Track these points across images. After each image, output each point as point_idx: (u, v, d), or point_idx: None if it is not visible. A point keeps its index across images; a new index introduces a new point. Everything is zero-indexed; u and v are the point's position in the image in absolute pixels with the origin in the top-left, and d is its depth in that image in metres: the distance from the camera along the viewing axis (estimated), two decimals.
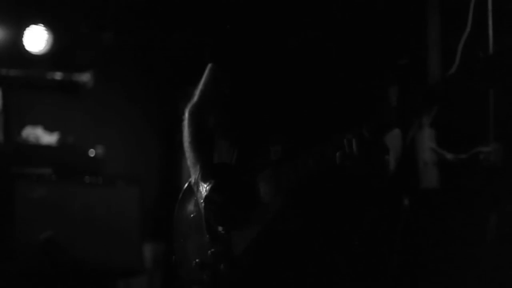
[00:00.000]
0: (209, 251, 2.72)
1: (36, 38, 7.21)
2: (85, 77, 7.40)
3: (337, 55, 2.70)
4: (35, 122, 7.08)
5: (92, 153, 6.64)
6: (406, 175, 5.31)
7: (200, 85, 2.99)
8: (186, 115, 2.98)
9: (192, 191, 2.86)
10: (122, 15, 7.45)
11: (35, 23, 7.19)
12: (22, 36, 7.17)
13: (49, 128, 7.06)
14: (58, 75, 7.40)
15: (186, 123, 2.97)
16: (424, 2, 5.65)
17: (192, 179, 2.85)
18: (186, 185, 2.94)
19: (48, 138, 6.98)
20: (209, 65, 2.97)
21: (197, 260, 2.78)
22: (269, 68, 2.78)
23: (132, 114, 7.72)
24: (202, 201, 2.74)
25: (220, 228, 2.73)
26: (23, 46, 7.18)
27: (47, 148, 6.80)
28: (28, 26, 7.17)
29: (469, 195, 5.16)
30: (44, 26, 7.22)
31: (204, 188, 2.74)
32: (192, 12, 7.10)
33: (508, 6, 4.83)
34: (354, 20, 2.73)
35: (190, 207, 2.88)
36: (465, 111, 4.77)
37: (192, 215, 2.86)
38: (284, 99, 2.73)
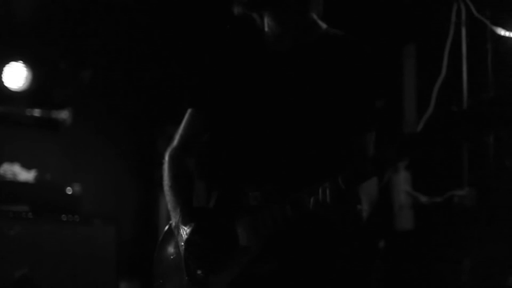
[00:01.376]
0: None
1: (15, 75, 7.21)
2: (63, 115, 7.41)
3: (314, 101, 2.75)
4: (12, 159, 7.06)
5: (69, 190, 6.63)
6: (382, 217, 5.36)
7: (180, 129, 3.03)
8: (166, 158, 3.02)
9: (172, 233, 2.89)
10: (101, 53, 7.48)
11: (14, 60, 7.19)
12: (1, 73, 7.16)
13: (26, 165, 7.04)
14: (36, 112, 7.40)
15: (166, 166, 3.01)
16: (400, 46, 5.74)
17: (173, 222, 2.89)
18: (166, 227, 2.98)
19: (26, 175, 6.97)
20: (189, 110, 3.01)
21: None
22: (248, 115, 2.83)
23: (110, 152, 7.71)
24: (182, 243, 2.78)
25: (199, 271, 2.76)
26: (2, 82, 7.17)
27: (24, 185, 6.78)
28: (7, 62, 7.17)
29: (444, 238, 5.22)
30: (23, 63, 7.22)
31: (184, 231, 2.79)
32: (172, 51, 7.15)
33: (481, 52, 4.94)
34: (330, 65, 2.78)
35: (170, 249, 2.91)
36: (439, 156, 4.85)
37: (172, 257, 2.89)
38: (262, 145, 2.78)
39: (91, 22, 7.18)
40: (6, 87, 7.17)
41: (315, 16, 2.89)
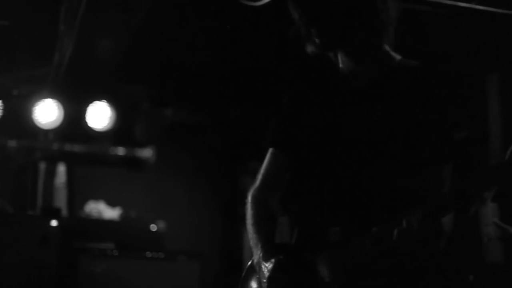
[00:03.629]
0: None
1: (99, 115, 7.34)
2: (146, 153, 7.52)
3: (392, 135, 2.71)
4: (97, 197, 7.18)
5: (153, 228, 6.70)
6: (470, 250, 5.24)
7: (262, 169, 3.05)
8: (249, 198, 3.04)
9: (254, 269, 2.88)
10: (183, 92, 7.57)
11: (98, 99, 7.33)
12: (85, 113, 7.31)
13: (111, 203, 7.16)
14: (120, 151, 7.53)
15: (248, 206, 3.03)
16: (484, 75, 5.65)
17: (255, 259, 2.88)
18: (249, 263, 2.98)
19: (111, 212, 7.08)
20: (270, 150, 3.02)
21: None
22: (327, 152, 2.82)
23: (193, 189, 7.77)
24: (264, 280, 2.76)
25: None
26: (86, 122, 7.31)
27: (110, 222, 6.89)
28: (91, 102, 7.31)
29: None
30: (107, 103, 7.35)
31: (266, 268, 2.77)
32: (253, 91, 7.18)
33: None
34: (407, 98, 2.74)
35: (253, 284, 2.90)
36: None
37: None
38: (342, 181, 2.75)
39: (173, 62, 7.27)
40: (90, 127, 7.31)
41: (388, 48, 2.85)
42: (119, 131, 7.46)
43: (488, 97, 5.63)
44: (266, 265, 2.77)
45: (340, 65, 2.88)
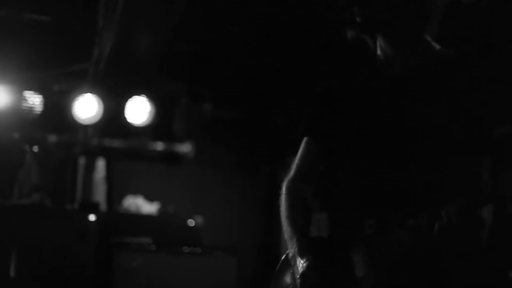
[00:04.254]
0: None
1: (138, 110, 7.36)
2: (185, 148, 7.53)
3: (430, 125, 2.66)
4: (136, 192, 7.21)
5: (191, 223, 6.71)
6: (510, 247, 5.16)
7: (296, 160, 3.00)
8: (283, 189, 2.99)
9: (289, 263, 2.85)
10: (221, 87, 7.57)
11: (137, 94, 7.34)
12: (124, 108, 7.33)
13: (149, 198, 7.18)
14: (159, 146, 7.55)
15: (283, 197, 2.97)
16: None
17: (290, 252, 2.85)
18: (283, 257, 2.94)
19: (149, 207, 7.10)
20: (304, 139, 2.97)
21: None
22: (363, 141, 2.77)
23: (231, 184, 7.77)
24: (298, 276, 2.74)
25: None
26: (125, 117, 7.33)
27: (147, 217, 6.91)
28: (130, 97, 7.33)
29: None
30: (146, 98, 7.36)
31: (300, 264, 2.74)
32: (292, 83, 7.16)
33: None
34: (445, 88, 2.69)
35: (287, 279, 2.87)
36: None
37: (289, 287, 2.85)
38: (377, 173, 2.71)
39: (211, 57, 7.27)
40: (129, 122, 7.33)
41: (428, 38, 2.79)
42: (158, 126, 7.47)
43: None
44: (301, 261, 2.75)
45: (378, 52, 2.82)
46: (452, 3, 2.91)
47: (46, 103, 7.21)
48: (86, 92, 7.18)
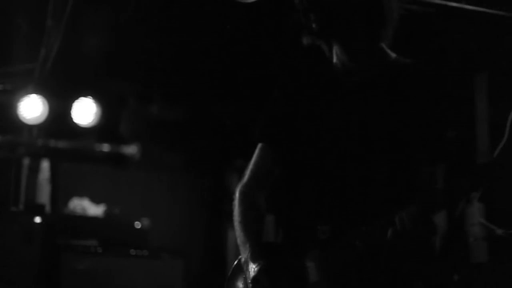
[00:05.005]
0: None
1: (85, 111, 7.29)
2: (131, 149, 7.48)
3: (384, 132, 2.68)
4: (81, 194, 7.14)
5: (138, 225, 6.67)
6: (456, 250, 5.24)
7: (250, 165, 2.98)
8: (237, 194, 2.97)
9: (241, 268, 2.84)
10: (169, 89, 7.54)
11: (84, 95, 7.28)
12: (70, 109, 7.26)
13: (95, 200, 7.12)
14: (105, 147, 7.49)
15: (236, 202, 2.95)
16: (472, 75, 5.65)
17: (242, 258, 2.83)
18: (236, 261, 2.93)
19: (95, 209, 7.04)
20: (259, 145, 2.97)
21: None
22: (317, 148, 2.78)
23: (178, 186, 7.74)
24: (249, 281, 2.72)
25: None
26: (71, 118, 7.26)
27: (93, 219, 6.85)
28: (77, 98, 7.26)
29: None
30: (92, 99, 7.30)
31: (252, 269, 2.73)
32: (240, 85, 7.16)
33: None
34: (400, 96, 2.72)
35: (239, 284, 2.86)
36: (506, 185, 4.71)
37: None
38: (331, 179, 2.72)
39: (159, 58, 7.24)
40: (75, 123, 7.25)
41: (384, 46, 2.82)
42: (104, 128, 7.40)
43: (476, 97, 5.64)
44: (253, 266, 2.73)
45: (334, 60, 2.83)
46: (405, 12, 2.94)
47: None
48: (32, 92, 7.08)
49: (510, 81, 5.08)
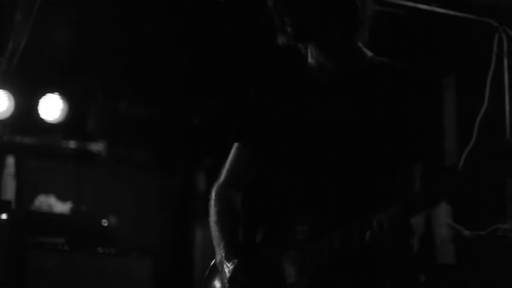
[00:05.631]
0: None
1: (51, 107, 7.24)
2: (98, 146, 7.43)
3: (361, 132, 2.69)
4: (48, 191, 7.08)
5: (105, 223, 6.63)
6: (423, 251, 5.28)
7: (226, 164, 2.97)
8: (213, 194, 2.96)
9: (217, 269, 2.83)
10: (137, 85, 7.51)
11: (50, 91, 7.22)
12: (37, 105, 7.20)
13: (62, 197, 7.06)
14: (72, 144, 7.44)
15: (212, 202, 2.95)
16: (440, 78, 5.69)
17: (217, 258, 2.82)
18: (211, 263, 2.92)
19: (61, 206, 6.99)
20: (235, 144, 2.96)
21: None
22: (295, 147, 2.78)
23: (145, 184, 7.72)
24: (226, 281, 2.71)
25: None
26: (38, 114, 7.20)
27: (60, 216, 6.80)
28: (43, 94, 7.21)
29: (486, 272, 5.12)
30: (59, 95, 7.25)
31: (228, 268, 2.71)
32: (210, 83, 7.16)
33: None
34: (377, 94, 2.72)
35: (216, 284, 2.85)
36: (482, 188, 4.76)
37: None
38: (309, 178, 2.72)
39: (127, 55, 7.21)
40: (42, 119, 7.20)
41: (360, 44, 2.83)
42: (71, 124, 7.36)
43: (444, 100, 5.68)
44: (228, 265, 2.71)
45: (309, 59, 2.84)
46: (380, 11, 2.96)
47: None
48: None
49: (478, 83, 5.13)
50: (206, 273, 2.94)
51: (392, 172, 2.69)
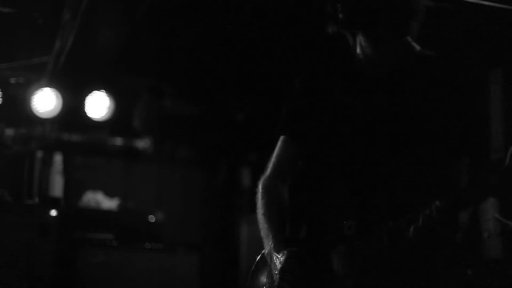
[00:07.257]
0: None
1: (98, 105, 7.30)
2: (144, 143, 7.49)
3: (410, 126, 2.67)
4: (95, 187, 7.15)
5: (152, 218, 6.68)
6: (470, 245, 5.23)
7: (273, 158, 2.97)
8: (260, 187, 2.95)
9: (265, 262, 2.82)
10: (182, 83, 7.54)
11: (97, 89, 7.29)
12: (84, 102, 7.27)
13: (109, 194, 7.13)
14: (118, 141, 7.50)
15: (259, 195, 2.94)
16: (486, 72, 5.64)
17: (266, 250, 2.81)
18: (259, 256, 2.91)
19: (109, 203, 7.05)
20: (281, 138, 2.96)
21: None
22: (342, 141, 2.76)
23: (191, 180, 7.75)
24: (276, 272, 2.69)
25: None
26: (85, 112, 7.27)
27: (108, 213, 6.86)
28: (90, 92, 7.28)
29: None
30: (105, 93, 7.31)
31: (278, 259, 2.69)
32: (254, 79, 7.16)
33: None
34: (427, 89, 2.70)
35: (263, 278, 2.84)
36: None
37: (264, 287, 2.84)
38: (357, 173, 2.70)
39: (172, 52, 7.24)
40: (89, 117, 7.27)
41: (409, 39, 2.80)
42: (117, 121, 7.41)
43: (490, 93, 5.62)
44: (278, 256, 2.69)
45: (358, 51, 2.81)
46: (433, 5, 2.93)
47: (4, 96, 7.11)
48: (45, 86, 7.11)
49: None
50: (252, 267, 2.93)
51: (440, 167, 2.67)
